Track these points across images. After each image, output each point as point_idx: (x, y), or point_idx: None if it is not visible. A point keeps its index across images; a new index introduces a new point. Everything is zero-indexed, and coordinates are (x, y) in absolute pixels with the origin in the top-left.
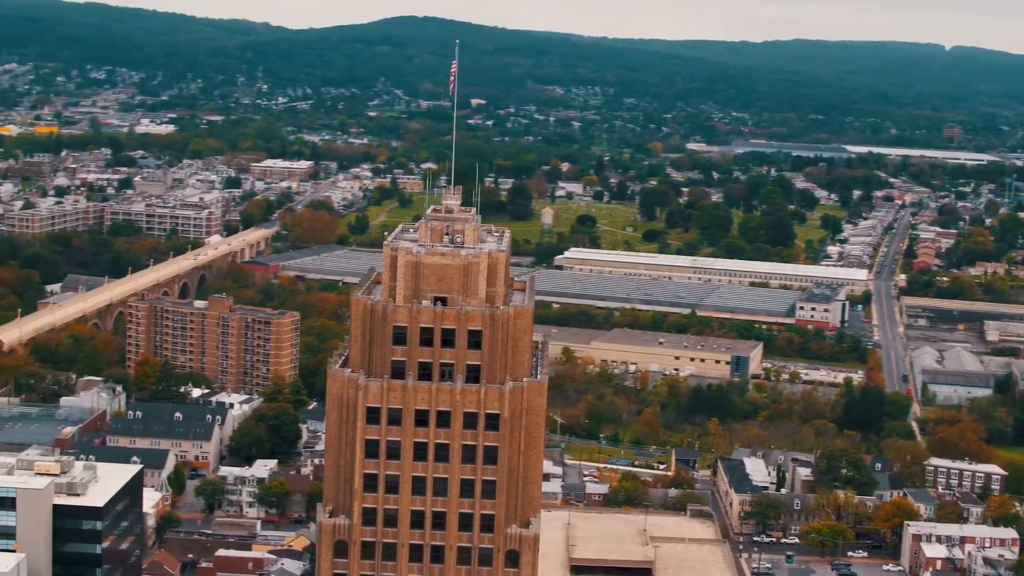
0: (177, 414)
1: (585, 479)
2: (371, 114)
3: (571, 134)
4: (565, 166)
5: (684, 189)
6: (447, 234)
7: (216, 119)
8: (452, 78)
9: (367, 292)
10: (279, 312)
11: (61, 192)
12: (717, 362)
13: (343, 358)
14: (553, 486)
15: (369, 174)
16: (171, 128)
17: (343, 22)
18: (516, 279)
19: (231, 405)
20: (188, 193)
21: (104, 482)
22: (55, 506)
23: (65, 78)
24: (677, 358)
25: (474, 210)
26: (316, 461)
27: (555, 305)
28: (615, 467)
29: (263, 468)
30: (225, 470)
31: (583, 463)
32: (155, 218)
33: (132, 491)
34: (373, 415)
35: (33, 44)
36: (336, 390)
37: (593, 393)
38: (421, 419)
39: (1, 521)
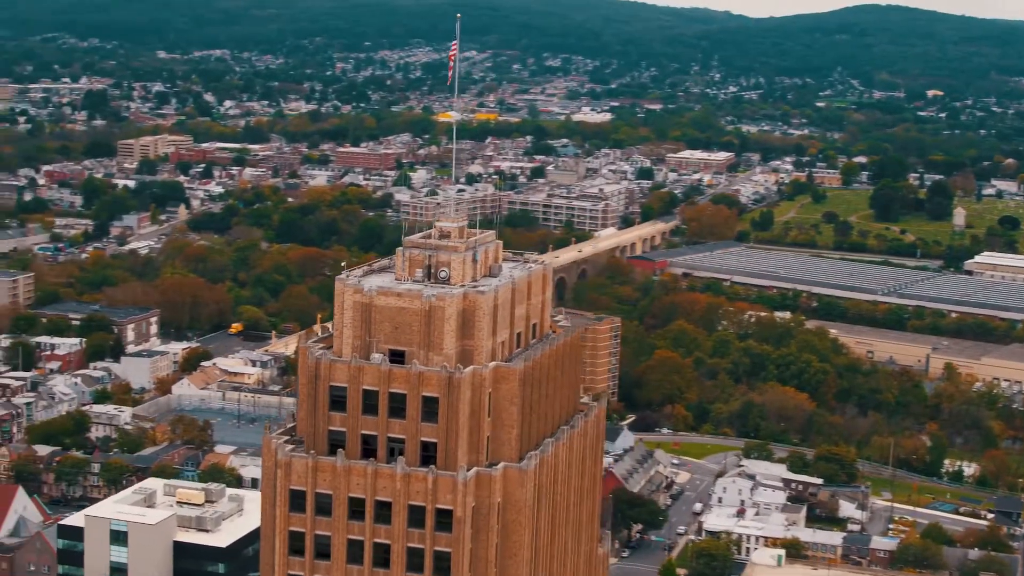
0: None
1: (891, 528)
2: (819, 104)
3: None
4: (1009, 162)
5: None
6: (425, 267)
7: (655, 108)
8: (451, 63)
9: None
10: (596, 318)
11: (472, 180)
12: None
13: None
14: (833, 538)
15: (789, 167)
16: (608, 117)
17: (803, 11)
18: (559, 324)
19: None
20: (596, 183)
21: (248, 516)
22: (177, 543)
23: (521, 66)
24: None
25: (482, 234)
26: None
27: (952, 314)
28: (935, 513)
29: None
30: None
31: (898, 506)
32: (551, 208)
33: None
34: (298, 500)
35: (493, 32)
36: (268, 463)
37: (968, 417)
38: (357, 510)
39: (113, 557)
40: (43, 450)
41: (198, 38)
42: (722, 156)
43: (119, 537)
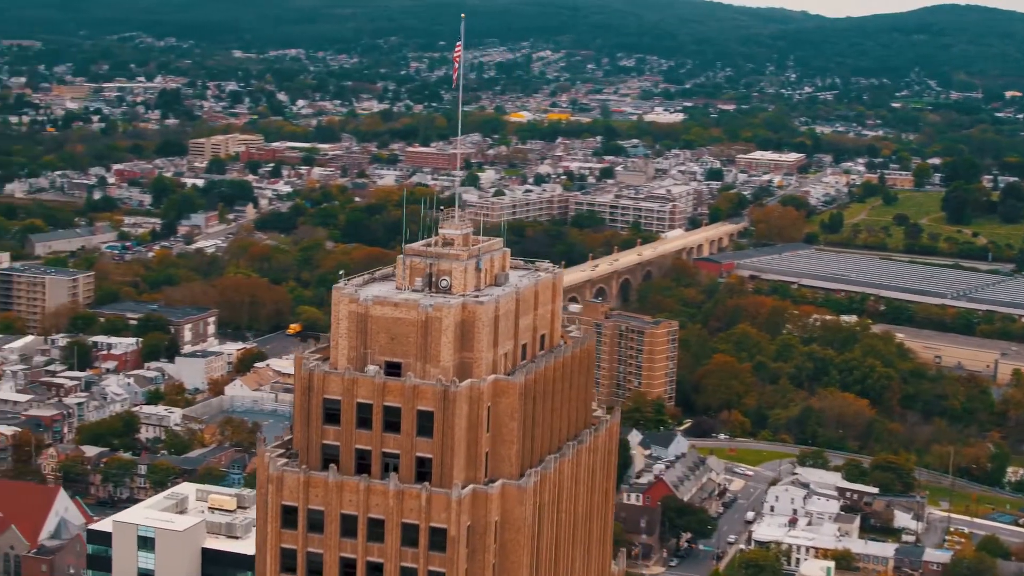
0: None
1: (947, 539)
2: (895, 105)
3: None
4: None
5: None
6: (425, 276)
7: (729, 108)
8: (456, 65)
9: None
10: (653, 321)
11: (540, 180)
12: None
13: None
14: (885, 549)
15: (862, 168)
16: (680, 117)
17: (881, 10)
18: (571, 335)
19: None
20: (665, 184)
21: None
22: (205, 550)
23: (595, 65)
24: None
25: (489, 242)
26: (631, 497)
27: (1023, 319)
28: (993, 524)
29: None
30: None
31: (955, 516)
32: (619, 210)
33: None
34: (290, 517)
35: (568, 32)
36: (262, 478)
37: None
38: (350, 527)
39: (140, 563)
40: (91, 451)
41: (274, 37)
42: (793, 157)
43: (147, 543)
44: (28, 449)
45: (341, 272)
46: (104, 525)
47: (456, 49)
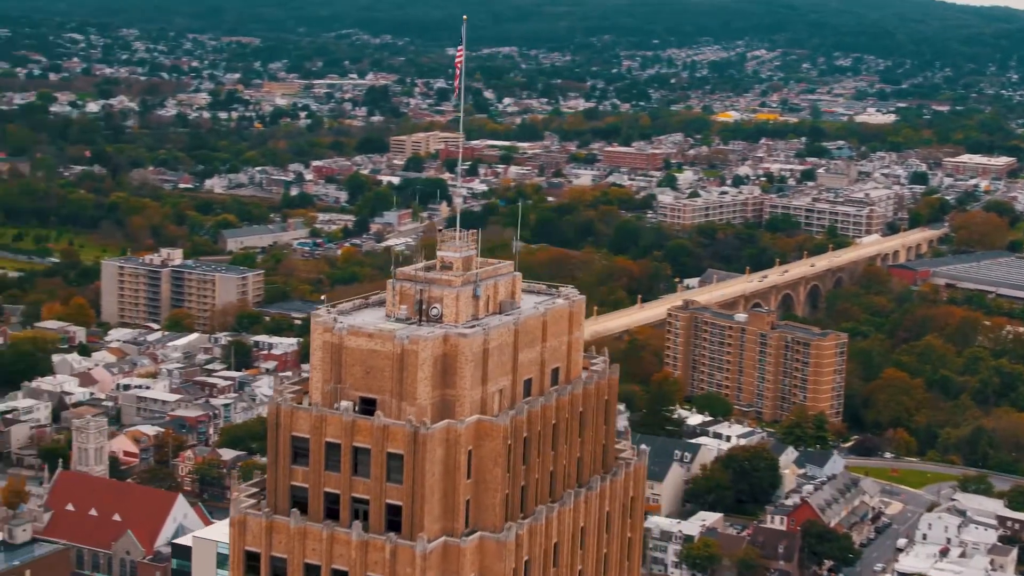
0: (643, 446)
1: None
2: None
3: None
4: None
5: None
6: (416, 303)
7: (943, 109)
8: (457, 71)
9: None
10: (822, 332)
11: (739, 181)
12: None
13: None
14: None
15: None
16: (892, 118)
17: None
18: (592, 364)
19: (727, 439)
20: (865, 187)
21: None
22: None
23: (810, 65)
24: None
25: (494, 265)
26: (775, 520)
27: None
28: None
29: (695, 524)
30: (653, 521)
31: None
32: (815, 213)
33: None
34: (253, 564)
35: (785, 31)
36: (231, 520)
37: None
38: None
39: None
40: (228, 454)
41: (489, 35)
42: (1003, 161)
43: (226, 561)
44: (166, 450)
45: (323, 296)
46: (186, 540)
47: (458, 53)
